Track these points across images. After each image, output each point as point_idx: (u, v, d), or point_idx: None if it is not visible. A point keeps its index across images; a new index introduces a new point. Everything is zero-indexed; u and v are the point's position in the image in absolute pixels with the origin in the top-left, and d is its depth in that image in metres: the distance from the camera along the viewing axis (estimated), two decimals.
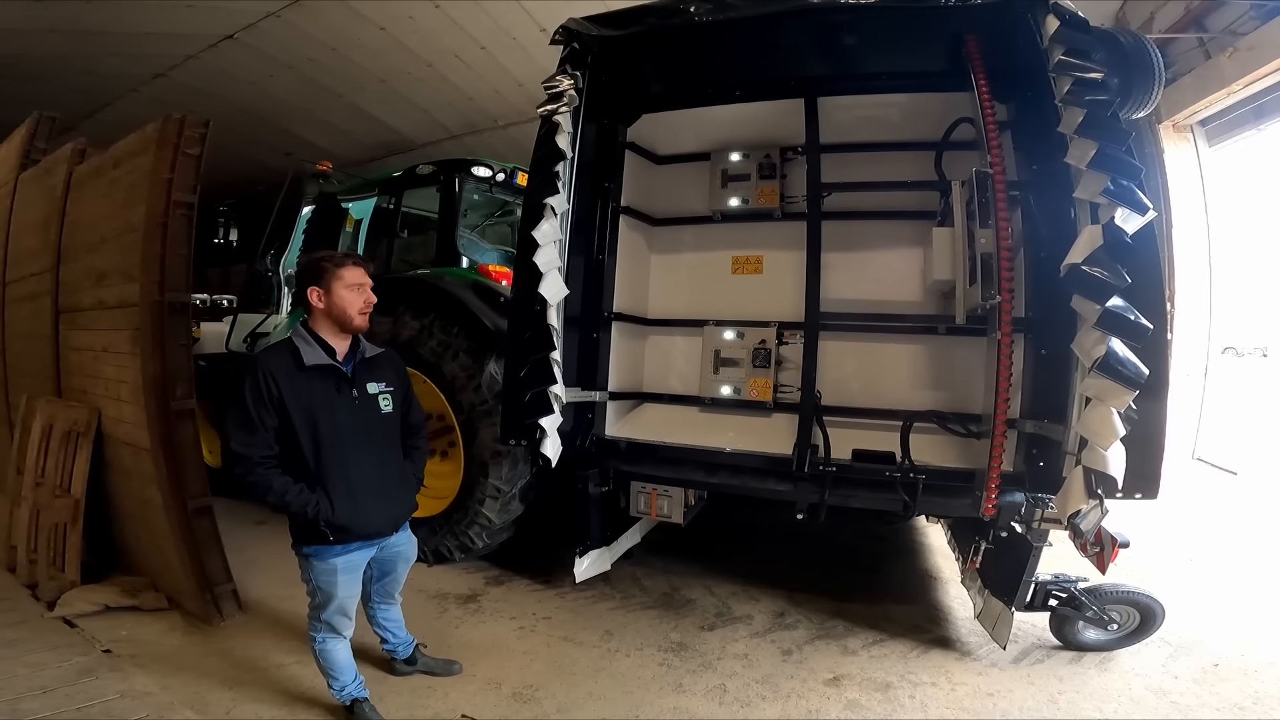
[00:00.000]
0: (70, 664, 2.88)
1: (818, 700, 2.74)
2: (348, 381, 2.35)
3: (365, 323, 2.38)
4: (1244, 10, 5.26)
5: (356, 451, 2.34)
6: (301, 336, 2.31)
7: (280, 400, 2.20)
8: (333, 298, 2.30)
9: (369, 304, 2.38)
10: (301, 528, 2.31)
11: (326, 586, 2.36)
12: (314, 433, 2.25)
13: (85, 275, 3.94)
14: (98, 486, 3.73)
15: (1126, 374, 1.95)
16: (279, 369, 2.22)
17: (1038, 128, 2.68)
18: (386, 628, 2.81)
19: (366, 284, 2.38)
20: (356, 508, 2.31)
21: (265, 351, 2.37)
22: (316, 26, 7.28)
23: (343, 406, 2.32)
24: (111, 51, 7.74)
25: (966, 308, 2.80)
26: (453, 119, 9.36)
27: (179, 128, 3.33)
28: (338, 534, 2.30)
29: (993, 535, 2.84)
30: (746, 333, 3.54)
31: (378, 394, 2.43)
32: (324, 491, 2.26)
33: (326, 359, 2.31)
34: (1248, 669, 2.91)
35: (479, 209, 5.01)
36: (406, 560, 2.70)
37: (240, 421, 2.18)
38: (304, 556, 2.36)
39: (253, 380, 2.19)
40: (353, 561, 2.40)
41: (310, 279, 2.32)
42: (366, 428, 2.39)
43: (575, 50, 3.03)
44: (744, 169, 3.62)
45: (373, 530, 2.43)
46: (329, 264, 2.33)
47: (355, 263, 2.38)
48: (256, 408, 2.18)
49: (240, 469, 2.18)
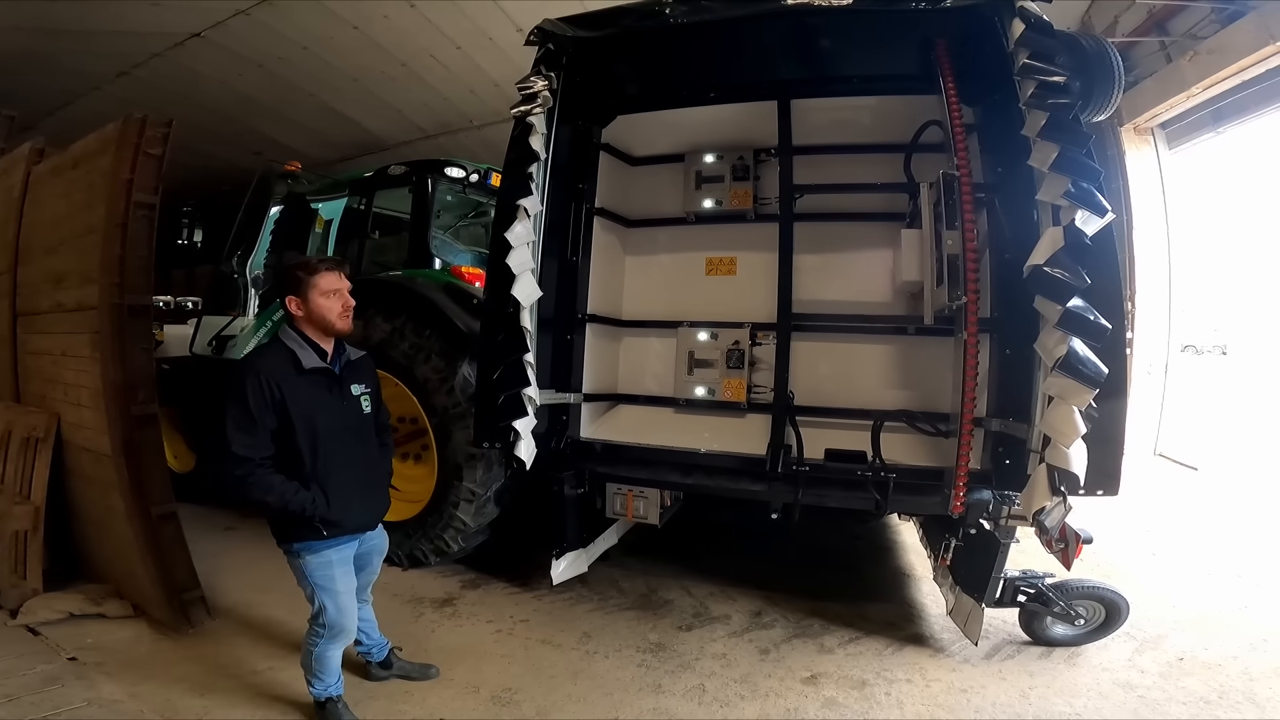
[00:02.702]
0: (35, 672, 2.81)
1: (796, 699, 2.76)
2: (338, 383, 2.41)
3: (348, 325, 2.40)
4: (1205, 14, 5.41)
5: (346, 450, 2.39)
6: (294, 340, 2.33)
7: (282, 403, 2.23)
8: (311, 305, 2.32)
9: (348, 307, 2.40)
10: (291, 525, 2.33)
11: (325, 581, 2.39)
12: (311, 434, 2.30)
13: (43, 277, 3.83)
14: (59, 493, 3.64)
15: (1087, 373, 2.00)
16: (278, 372, 2.25)
17: (1003, 131, 2.74)
18: (360, 629, 2.76)
19: (344, 288, 2.39)
20: (346, 504, 2.37)
21: (260, 355, 2.40)
22: (287, 25, 7.15)
23: (334, 408, 2.38)
24: (74, 49, 7.53)
25: (934, 308, 2.85)
26: (427, 119, 9.26)
27: (140, 127, 3.26)
28: (330, 528, 2.35)
29: (962, 533, 2.89)
30: (720, 334, 3.55)
31: (360, 395, 2.49)
32: (319, 489, 2.30)
33: (321, 362, 2.35)
34: (1211, 663, 2.98)
35: (452, 210, 4.97)
36: (380, 553, 2.75)
37: (242, 424, 2.19)
38: (295, 554, 2.38)
39: (255, 383, 2.20)
40: (344, 553, 2.45)
41: (287, 289, 2.35)
42: (352, 428, 2.45)
43: (550, 51, 3.02)
44: (718, 170, 3.64)
45: (359, 524, 2.49)
46: (303, 273, 2.33)
47: (329, 268, 2.38)
48: (259, 411, 2.20)
49: (241, 470, 2.20)
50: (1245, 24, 5.05)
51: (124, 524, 3.23)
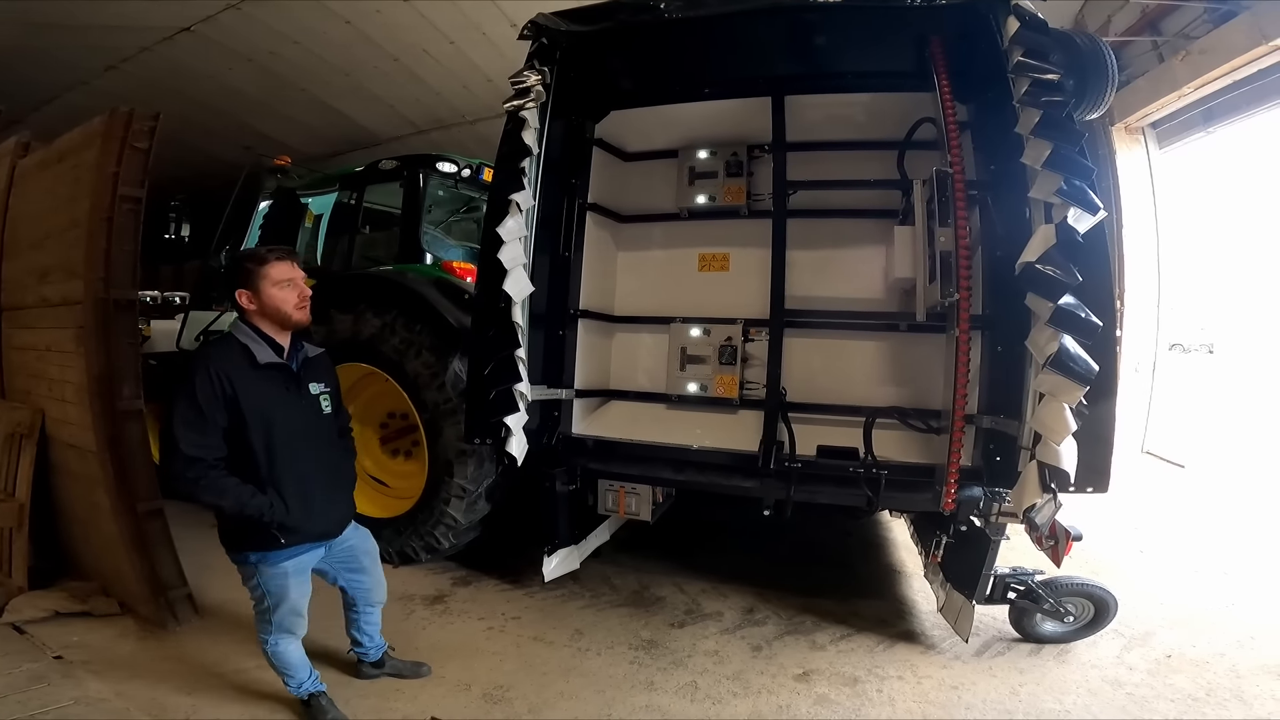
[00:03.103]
0: (21, 670, 2.78)
1: (788, 695, 2.77)
2: (295, 381, 2.28)
3: (306, 316, 2.29)
4: (1198, 14, 5.44)
5: (304, 452, 2.26)
6: (247, 334, 2.20)
7: (234, 399, 2.10)
8: (263, 298, 2.20)
9: (305, 297, 2.28)
10: (243, 533, 2.22)
11: (278, 590, 2.29)
12: (267, 434, 2.17)
13: (28, 272, 3.78)
14: (44, 490, 3.60)
15: (1078, 370, 2.00)
16: (231, 367, 2.12)
17: (996, 128, 2.74)
18: (365, 631, 2.73)
19: (297, 277, 2.27)
20: (306, 509, 2.24)
21: (212, 347, 2.25)
22: (279, 19, 7.09)
23: (291, 407, 2.25)
24: (61, 43, 7.45)
25: (926, 305, 2.84)
26: (419, 114, 9.22)
27: (126, 121, 3.22)
28: (289, 535, 2.22)
29: (953, 529, 2.90)
30: (713, 330, 3.54)
31: (319, 394, 2.37)
32: (276, 493, 2.17)
33: (277, 357, 2.23)
34: (1199, 660, 3.00)
35: (444, 205, 4.94)
36: (368, 553, 2.63)
37: (191, 421, 2.06)
38: (250, 565, 2.26)
39: (204, 377, 2.07)
40: (302, 563, 2.33)
41: (236, 282, 2.21)
42: (311, 428, 2.32)
43: (544, 46, 2.99)
44: (711, 166, 3.62)
45: (321, 531, 2.37)
46: (252, 264, 2.21)
47: (280, 257, 2.25)
48: (209, 407, 2.06)
49: (193, 472, 2.06)
50: (1238, 24, 5.08)
51: (109, 521, 3.19)
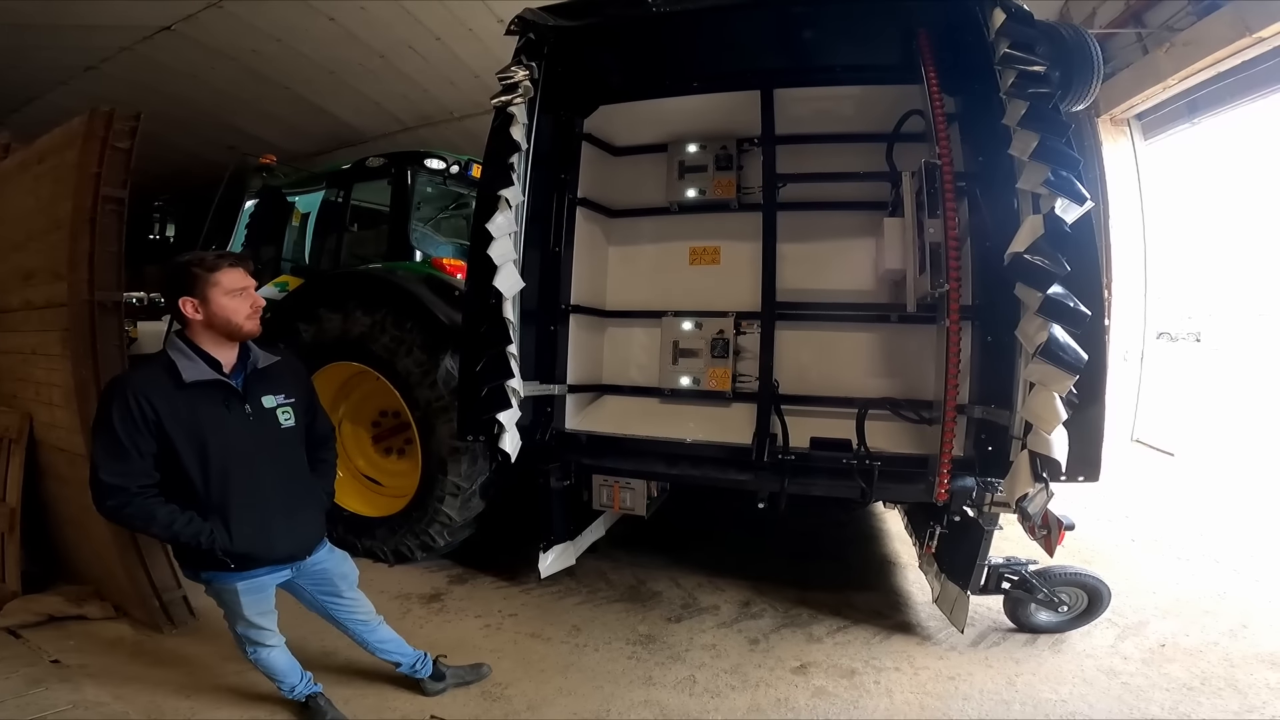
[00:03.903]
0: (18, 675, 2.76)
1: (786, 688, 2.77)
2: (238, 397, 2.07)
3: (256, 327, 2.10)
4: (1182, 6, 5.48)
5: (253, 473, 2.09)
6: (178, 349, 2.00)
7: (158, 423, 1.92)
8: (211, 308, 1.99)
9: (257, 308, 2.09)
10: (192, 556, 2.10)
11: (232, 605, 2.19)
12: (202, 457, 2.00)
13: (11, 274, 3.72)
14: (34, 494, 3.55)
15: (1067, 359, 2.02)
16: (153, 389, 1.94)
17: (984, 120, 2.76)
18: (386, 650, 2.61)
19: (250, 285, 2.08)
20: (259, 533, 2.09)
21: (135, 369, 2.05)
22: (261, 18, 7.00)
23: (234, 425, 2.05)
24: (40, 44, 7.32)
25: (917, 296, 2.86)
26: (405, 111, 9.14)
27: (107, 121, 3.17)
28: (240, 562, 2.09)
29: (946, 520, 2.92)
30: (705, 323, 3.55)
31: (275, 408, 2.16)
32: (219, 519, 2.02)
33: (211, 374, 2.02)
34: (1192, 649, 3.03)
35: (432, 202, 4.91)
36: (343, 577, 2.43)
37: (109, 449, 1.90)
38: (200, 580, 2.17)
39: (121, 403, 1.90)
40: (259, 584, 2.19)
41: (181, 288, 1.98)
42: (263, 446, 2.13)
43: (531, 41, 2.98)
44: (701, 160, 3.63)
45: (282, 555, 2.21)
46: (202, 269, 1.99)
47: (233, 264, 2.05)
48: (128, 433, 1.90)
49: (114, 500, 1.91)
50: (1221, 16, 5.11)
51: (101, 525, 3.13)
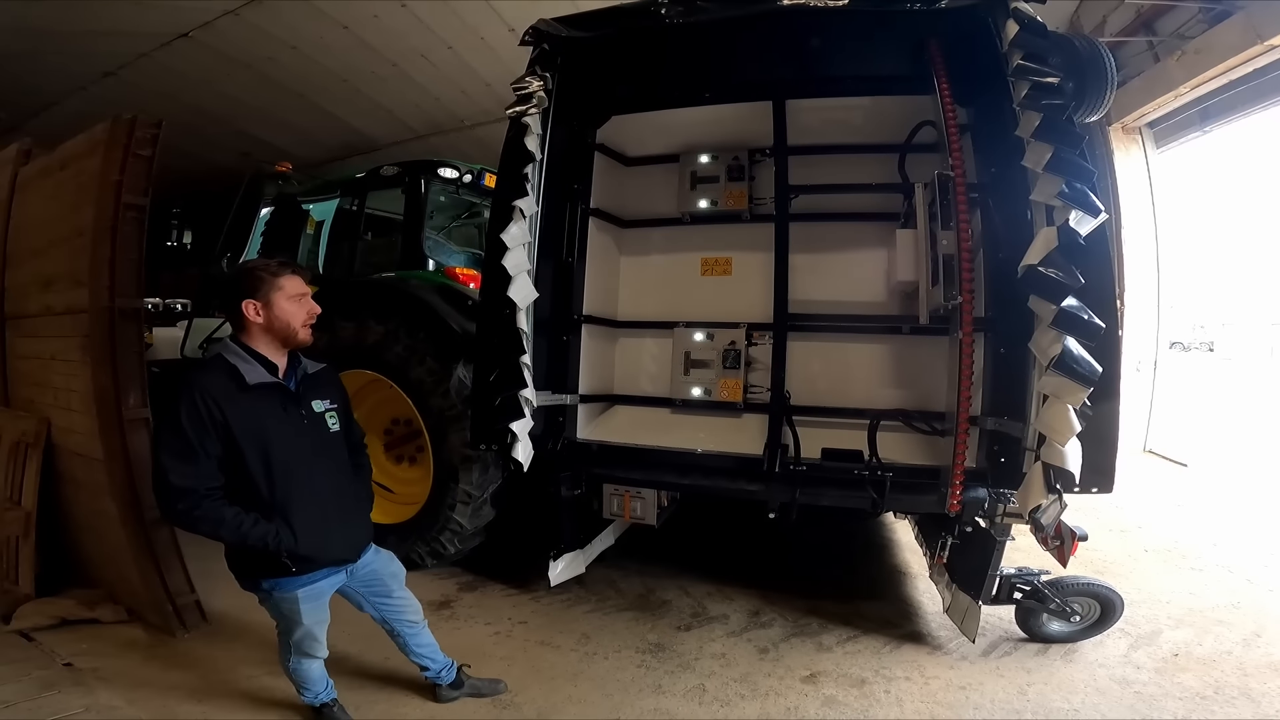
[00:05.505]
0: (31, 678, 2.78)
1: (796, 698, 2.77)
2: (294, 400, 2.15)
3: (309, 336, 2.17)
4: (1193, 14, 5.47)
5: (311, 475, 2.14)
6: (236, 354, 2.07)
7: (225, 425, 1.97)
8: (273, 311, 2.08)
9: (312, 315, 2.17)
10: (253, 563, 2.13)
11: (290, 615, 2.22)
12: (265, 459, 2.04)
13: (32, 280, 3.78)
14: (49, 498, 3.59)
15: (1081, 372, 2.02)
16: (218, 391, 1.98)
17: (997, 131, 2.76)
18: (422, 654, 2.63)
19: (308, 293, 2.18)
20: (318, 535, 2.13)
21: (197, 372, 2.09)
22: (276, 25, 7.10)
23: (291, 428, 2.12)
24: (58, 50, 7.44)
25: (929, 308, 2.86)
26: (418, 119, 9.23)
27: (129, 128, 3.21)
28: (301, 564, 2.12)
29: (958, 531, 2.91)
30: (716, 334, 3.55)
31: (324, 412, 2.24)
32: (283, 520, 2.06)
33: (270, 377, 2.09)
34: (1206, 658, 3.01)
35: (446, 211, 4.95)
36: (394, 575, 2.51)
37: (179, 451, 1.93)
38: (261, 591, 2.19)
39: (189, 406, 1.94)
40: (318, 589, 2.23)
41: (245, 291, 2.07)
42: (318, 449, 2.20)
43: (545, 51, 3.01)
44: (713, 171, 3.64)
45: (337, 557, 2.26)
46: (266, 274, 2.09)
47: (295, 271, 2.16)
48: (198, 436, 1.93)
49: (184, 504, 1.94)
50: (1232, 24, 5.11)
51: (117, 528, 3.19)
